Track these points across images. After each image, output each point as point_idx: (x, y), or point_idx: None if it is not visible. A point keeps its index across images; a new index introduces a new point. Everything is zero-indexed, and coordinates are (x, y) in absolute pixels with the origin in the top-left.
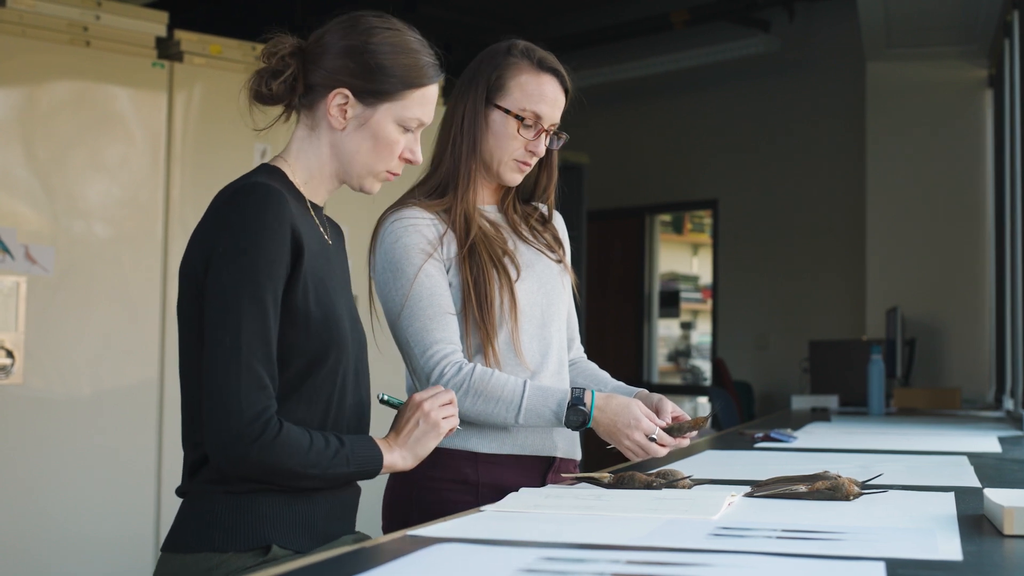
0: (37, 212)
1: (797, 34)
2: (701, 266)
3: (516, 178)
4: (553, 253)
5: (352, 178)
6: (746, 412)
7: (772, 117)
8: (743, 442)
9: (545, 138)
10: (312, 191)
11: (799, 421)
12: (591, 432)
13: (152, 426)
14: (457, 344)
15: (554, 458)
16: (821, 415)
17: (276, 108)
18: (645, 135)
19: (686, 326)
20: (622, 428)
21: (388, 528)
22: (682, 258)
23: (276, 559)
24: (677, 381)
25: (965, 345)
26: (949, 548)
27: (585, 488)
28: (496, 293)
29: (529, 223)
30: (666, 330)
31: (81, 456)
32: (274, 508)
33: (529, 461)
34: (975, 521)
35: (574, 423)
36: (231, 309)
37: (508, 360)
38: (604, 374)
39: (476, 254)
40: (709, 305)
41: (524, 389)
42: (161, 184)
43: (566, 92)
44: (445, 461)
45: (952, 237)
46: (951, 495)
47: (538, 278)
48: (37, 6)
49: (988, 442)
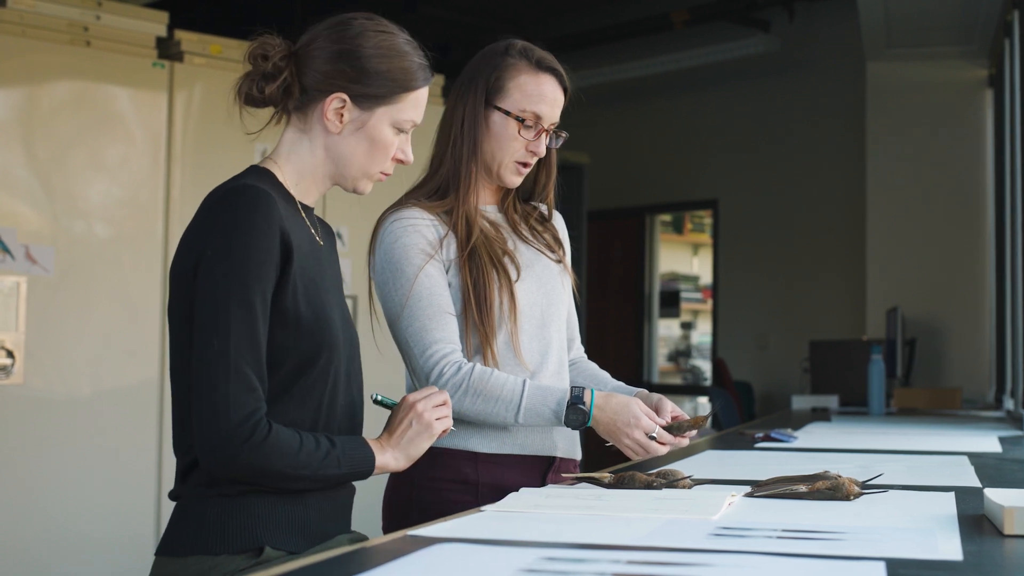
0: (37, 212)
1: (797, 34)
2: (701, 266)
3: (516, 179)
4: (553, 253)
5: (347, 180)
6: (746, 412)
7: (772, 117)
8: (743, 442)
9: (545, 138)
10: (303, 192)
11: (799, 421)
12: (591, 432)
13: (152, 426)
14: (457, 344)
15: (554, 458)
16: (821, 415)
17: (266, 110)
18: (645, 135)
19: (686, 326)
20: (622, 427)
21: (388, 528)
22: (682, 258)
23: (269, 560)
24: (677, 381)
25: (965, 345)
26: (949, 548)
27: (585, 488)
28: (495, 294)
29: (529, 223)
30: (666, 330)
31: (81, 456)
32: (266, 509)
33: (529, 461)
34: (975, 521)
35: (574, 422)
36: (220, 311)
37: (507, 361)
38: (604, 374)
39: (476, 255)
40: (709, 305)
41: (523, 388)
42: (161, 184)
43: (565, 91)
44: (445, 461)
45: (952, 237)
46: (951, 495)
47: (538, 278)
48: (37, 6)
49: (988, 442)
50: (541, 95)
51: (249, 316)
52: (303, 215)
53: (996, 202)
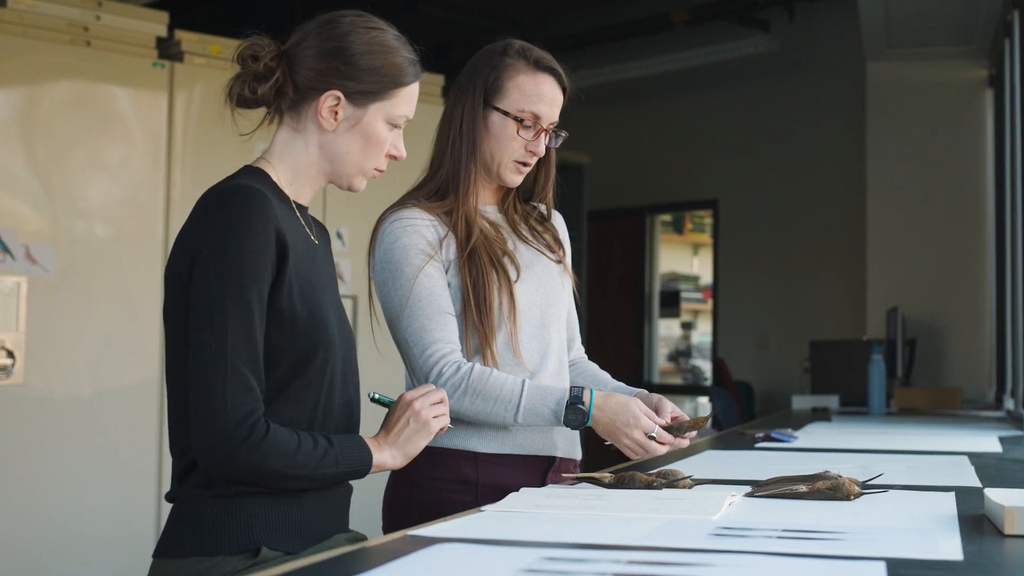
0: (37, 212)
1: (797, 34)
2: (702, 266)
3: (516, 179)
4: (553, 254)
5: (342, 178)
6: (747, 412)
7: (772, 117)
8: (744, 442)
9: (545, 137)
10: (297, 192)
11: (800, 421)
12: (591, 432)
13: (152, 426)
14: (456, 344)
15: (554, 458)
16: (822, 415)
17: (259, 110)
18: (645, 135)
19: (686, 326)
20: (621, 426)
21: (388, 528)
22: (682, 258)
23: (266, 561)
24: (678, 381)
25: (965, 345)
26: (949, 548)
27: (586, 488)
28: (495, 295)
29: (529, 223)
30: (666, 330)
31: (81, 456)
32: (263, 510)
33: (529, 461)
34: (976, 521)
35: (573, 422)
36: (216, 311)
37: (507, 361)
38: (604, 375)
39: (476, 256)
40: (710, 305)
41: (522, 388)
42: (161, 184)
43: (564, 90)
44: (445, 461)
45: (952, 237)
46: (952, 495)
47: (537, 279)
48: (37, 6)
49: (989, 442)
50: (539, 95)
51: (245, 316)
52: (297, 214)
53: (996, 202)
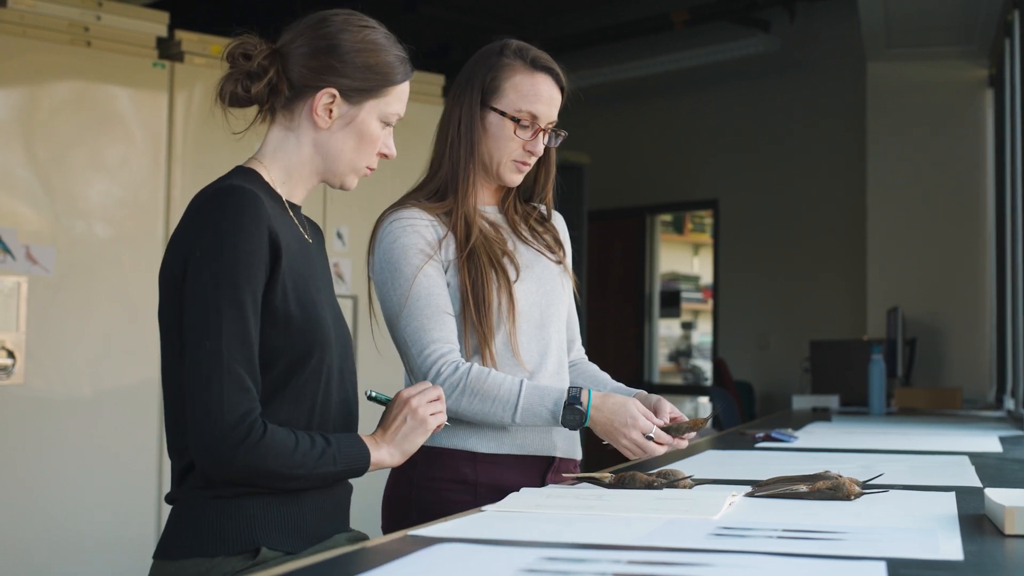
0: (38, 212)
1: (797, 34)
2: (702, 266)
3: (516, 178)
4: (553, 254)
5: (335, 176)
6: (747, 412)
7: (772, 117)
8: (744, 442)
9: (543, 137)
10: (290, 191)
11: (800, 421)
12: (591, 432)
13: (152, 426)
14: (455, 344)
15: (554, 458)
16: (822, 415)
17: (251, 109)
18: (645, 135)
19: (687, 326)
20: (619, 427)
21: (387, 528)
22: (683, 258)
23: (266, 561)
24: (678, 381)
25: (966, 345)
26: (950, 548)
27: (586, 488)
28: (494, 295)
29: (529, 223)
30: (667, 330)
31: (81, 456)
32: (262, 510)
33: (529, 461)
34: (976, 521)
35: (571, 422)
36: (211, 312)
37: (506, 361)
38: (604, 375)
39: (475, 256)
40: (710, 305)
41: (520, 388)
42: (161, 184)
43: (562, 90)
44: (444, 461)
45: (952, 237)
46: (952, 495)
47: (537, 279)
48: (37, 6)
49: (989, 442)
50: (537, 94)
51: (240, 316)
52: (291, 214)
53: (996, 202)
